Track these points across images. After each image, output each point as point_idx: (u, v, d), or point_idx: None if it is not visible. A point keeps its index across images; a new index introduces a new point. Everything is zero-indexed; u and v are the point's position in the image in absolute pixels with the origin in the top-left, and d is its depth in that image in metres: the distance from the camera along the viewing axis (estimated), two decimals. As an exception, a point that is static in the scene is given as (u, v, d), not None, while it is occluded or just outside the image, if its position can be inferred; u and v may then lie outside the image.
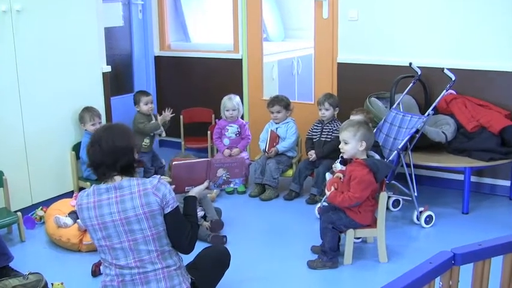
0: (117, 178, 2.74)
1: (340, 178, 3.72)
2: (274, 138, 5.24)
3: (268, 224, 4.64)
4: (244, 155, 5.41)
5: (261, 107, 5.76)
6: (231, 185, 3.28)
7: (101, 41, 5.27)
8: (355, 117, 4.56)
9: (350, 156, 3.68)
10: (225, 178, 3.23)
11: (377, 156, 3.78)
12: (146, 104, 5.35)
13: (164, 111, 5.45)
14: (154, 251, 2.74)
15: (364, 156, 3.64)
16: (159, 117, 5.34)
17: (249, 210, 5.00)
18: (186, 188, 3.11)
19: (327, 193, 3.68)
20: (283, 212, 4.86)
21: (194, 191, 3.07)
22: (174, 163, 3.10)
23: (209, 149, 6.00)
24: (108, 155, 2.69)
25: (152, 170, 5.33)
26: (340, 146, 3.70)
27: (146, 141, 5.28)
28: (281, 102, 5.24)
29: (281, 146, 5.21)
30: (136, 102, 5.40)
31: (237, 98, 5.48)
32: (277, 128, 5.28)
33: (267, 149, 5.21)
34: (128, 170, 2.74)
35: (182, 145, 6.26)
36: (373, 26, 5.28)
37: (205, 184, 3.14)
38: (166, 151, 6.54)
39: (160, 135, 5.48)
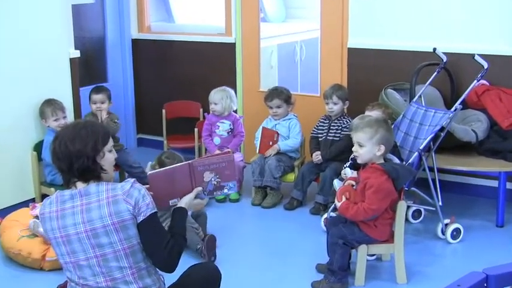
0: (81, 184, 2.74)
1: (353, 186, 3.71)
2: (270, 135, 5.23)
3: (266, 238, 4.62)
4: (238, 156, 5.40)
5: (257, 100, 5.76)
6: (225, 191, 3.23)
7: (67, 21, 5.24)
8: (371, 113, 4.54)
9: (364, 161, 3.66)
10: (215, 183, 3.19)
11: (396, 160, 3.77)
12: (94, 103, 5.31)
13: (112, 119, 5.31)
14: (128, 268, 2.72)
15: (381, 161, 3.63)
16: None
17: (242, 222, 4.99)
18: (171, 201, 3.09)
19: (337, 204, 3.66)
20: (283, 223, 4.85)
21: (183, 202, 3.06)
22: (149, 173, 3.08)
23: (196, 150, 5.99)
24: (62, 159, 2.71)
25: (138, 169, 5.27)
26: (353, 149, 3.68)
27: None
28: (281, 96, 5.24)
29: (284, 144, 5.21)
30: (89, 100, 5.39)
31: (227, 91, 5.46)
32: (276, 125, 5.29)
33: (258, 149, 5.22)
34: (90, 175, 2.74)
35: (164, 144, 6.25)
36: (390, 4, 5.27)
37: (194, 192, 3.12)
38: (145, 151, 6.52)
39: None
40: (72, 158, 2.70)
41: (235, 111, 5.67)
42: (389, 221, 3.66)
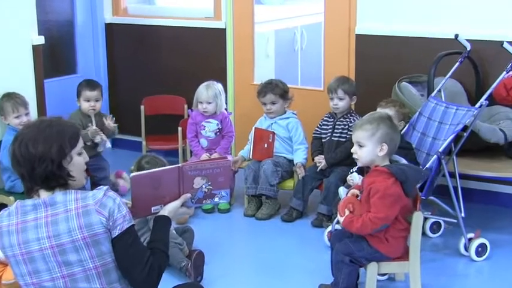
0: (45, 192, 2.71)
1: (358, 196, 3.71)
2: (264, 137, 5.21)
3: (260, 255, 4.61)
4: (227, 159, 5.34)
5: (250, 95, 5.74)
6: (216, 199, 3.24)
7: (29, 2, 5.21)
8: (384, 111, 4.51)
9: (366, 164, 3.67)
10: (206, 190, 3.19)
11: (403, 161, 3.77)
12: (88, 101, 5.29)
13: (105, 119, 5.35)
14: (101, 291, 2.72)
15: (386, 162, 3.63)
16: (92, 128, 5.23)
17: (233, 235, 4.98)
18: (153, 208, 3.08)
19: (340, 219, 3.66)
20: (280, 237, 4.84)
21: (167, 210, 3.07)
22: (132, 175, 3.06)
23: (180, 152, 5.98)
24: (22, 163, 2.67)
25: (105, 180, 5.27)
26: (352, 150, 3.69)
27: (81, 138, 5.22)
28: (275, 90, 5.24)
29: (303, 158, 5.20)
30: (77, 95, 5.36)
31: (218, 87, 5.44)
32: (272, 125, 5.29)
33: (251, 154, 5.21)
34: (54, 182, 2.71)
35: (143, 146, 6.23)
36: (404, -15, 5.30)
37: (182, 199, 3.11)
38: (121, 154, 6.49)
39: (98, 144, 5.33)
40: (34, 162, 2.66)
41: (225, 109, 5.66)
42: (403, 233, 3.65)
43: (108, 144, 5.34)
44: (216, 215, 5.25)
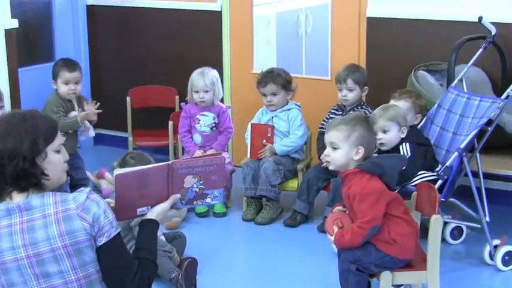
0: (18, 195, 2.69)
1: (346, 211, 3.74)
2: (262, 132, 5.20)
3: (260, 263, 4.61)
4: (225, 157, 5.33)
5: (249, 86, 5.73)
6: (208, 200, 3.24)
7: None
8: (398, 103, 4.55)
9: (338, 169, 3.68)
10: (198, 190, 3.20)
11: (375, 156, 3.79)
12: (66, 84, 5.25)
13: (86, 103, 5.30)
14: (83, 305, 2.71)
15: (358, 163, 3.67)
16: (81, 112, 5.17)
17: (230, 242, 4.98)
18: (139, 210, 3.08)
19: (330, 238, 3.68)
20: (283, 244, 4.85)
21: (155, 212, 3.07)
22: (116, 173, 3.06)
23: (171, 149, 5.97)
24: None
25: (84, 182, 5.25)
26: (325, 153, 3.70)
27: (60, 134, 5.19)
28: (277, 80, 5.23)
29: (281, 145, 5.20)
30: (54, 77, 5.32)
31: (213, 73, 5.45)
32: (272, 119, 5.29)
33: (249, 153, 5.21)
34: (25, 182, 2.68)
35: (129, 142, 6.23)
36: (421, -38, 5.29)
37: (171, 200, 3.11)
38: (104, 151, 6.49)
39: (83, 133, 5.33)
40: (3, 159, 2.64)
41: (222, 100, 5.65)
42: (409, 229, 3.65)
43: (92, 133, 5.31)
44: (211, 219, 5.25)
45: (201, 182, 3.18)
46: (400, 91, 4.68)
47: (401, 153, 4.38)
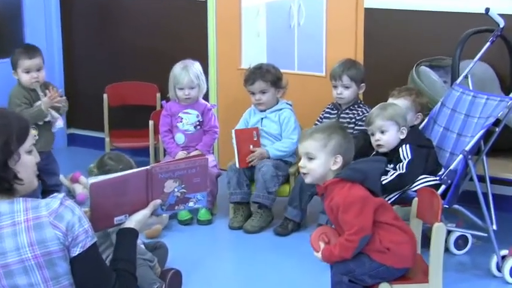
0: None
1: (332, 225, 3.75)
2: (247, 137, 5.19)
3: (250, 275, 4.61)
4: (210, 160, 5.31)
5: (237, 83, 5.72)
6: (191, 204, 3.26)
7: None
8: (397, 102, 4.55)
9: (316, 181, 3.68)
10: (179, 194, 3.21)
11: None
12: (28, 72, 5.20)
13: (48, 90, 5.25)
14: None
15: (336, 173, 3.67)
16: (44, 99, 5.14)
17: (216, 252, 4.97)
18: (116, 218, 3.08)
19: (317, 256, 3.68)
20: (274, 254, 4.86)
21: (133, 221, 3.06)
22: (91, 182, 3.04)
23: (151, 150, 5.98)
24: None
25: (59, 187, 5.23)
26: (300, 164, 3.69)
27: (32, 132, 5.12)
28: (266, 76, 5.23)
29: (274, 149, 5.19)
30: (13, 67, 5.25)
31: (197, 67, 5.45)
32: (262, 120, 5.28)
33: (238, 163, 5.18)
34: None
35: (106, 143, 6.23)
36: None
37: (150, 207, 3.11)
38: (79, 153, 6.47)
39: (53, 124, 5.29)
40: None
41: (206, 98, 5.64)
42: (404, 237, 3.64)
43: (61, 123, 5.25)
44: (195, 228, 5.25)
45: (183, 185, 3.19)
46: (399, 88, 4.68)
47: (401, 156, 4.39)
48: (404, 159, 4.37)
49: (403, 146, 4.41)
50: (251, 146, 5.20)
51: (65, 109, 5.29)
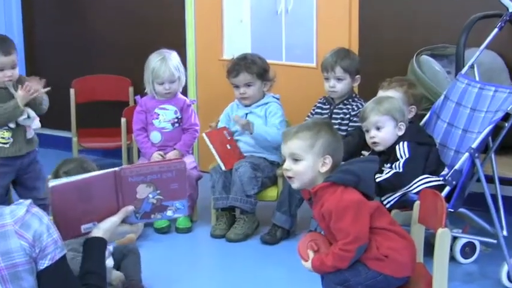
0: None
1: (322, 232, 3.75)
2: (219, 138, 5.19)
3: (233, 289, 4.63)
4: (188, 161, 5.37)
5: (218, 75, 5.72)
6: (169, 213, 3.27)
7: None
8: (387, 93, 4.57)
9: (303, 186, 3.67)
10: (155, 201, 3.22)
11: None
12: (1, 70, 5.15)
13: (28, 83, 5.18)
14: None
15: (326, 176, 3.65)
16: (19, 92, 5.07)
17: (198, 263, 4.98)
18: (84, 226, 3.09)
19: (306, 265, 3.67)
20: (260, 265, 4.86)
21: (101, 229, 3.08)
22: (51, 185, 3.06)
23: (124, 151, 5.98)
24: None
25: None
26: (285, 167, 3.66)
27: (5, 135, 5.14)
28: (252, 68, 5.24)
29: (260, 126, 5.18)
30: None
31: (175, 57, 5.45)
32: (247, 116, 5.30)
33: (223, 165, 5.17)
34: None
35: (74, 144, 6.21)
36: None
37: (121, 214, 3.12)
38: (43, 155, 6.43)
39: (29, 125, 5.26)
40: None
41: (185, 92, 5.65)
42: (403, 243, 3.63)
43: (37, 123, 5.19)
44: (173, 236, 5.25)
45: (158, 191, 3.19)
46: (389, 80, 4.71)
47: (398, 154, 4.39)
48: (401, 157, 4.37)
49: (400, 143, 4.41)
50: (228, 146, 5.20)
51: (44, 107, 5.18)
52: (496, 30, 4.73)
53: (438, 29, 5.22)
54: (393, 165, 4.38)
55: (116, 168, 3.13)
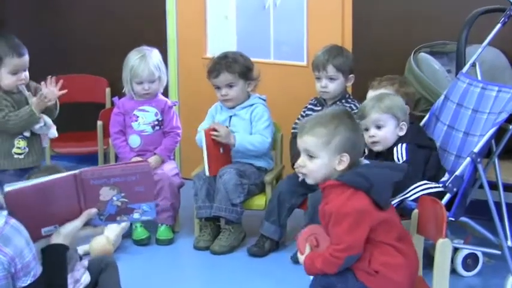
0: None
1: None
2: (214, 141, 5.16)
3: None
4: (170, 167, 5.41)
5: (201, 74, 5.70)
6: (136, 216, 3.31)
7: None
8: (377, 93, 4.58)
9: (317, 182, 3.68)
10: (120, 204, 3.27)
11: (364, 161, 3.77)
12: (15, 74, 5.08)
13: (44, 83, 5.11)
14: None
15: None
16: (33, 98, 5.03)
17: (180, 277, 4.96)
18: (44, 229, 3.13)
19: (300, 259, 3.68)
20: (247, 278, 4.86)
21: (61, 234, 3.11)
22: (7, 191, 3.07)
23: (101, 157, 5.99)
24: None
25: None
26: (299, 162, 3.68)
27: (20, 144, 5.09)
28: (233, 67, 5.23)
29: (243, 138, 5.16)
30: None
31: (156, 55, 5.45)
32: (230, 119, 5.30)
33: (208, 170, 5.16)
34: None
35: (46, 149, 6.11)
36: None
37: (83, 217, 3.14)
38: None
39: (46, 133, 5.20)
40: None
41: (165, 93, 5.66)
42: (401, 261, 3.62)
43: (54, 132, 5.14)
44: (154, 248, 5.25)
45: (123, 194, 3.23)
46: (380, 78, 4.72)
47: (395, 156, 4.38)
48: (398, 161, 4.37)
49: (399, 145, 4.41)
50: (221, 150, 5.18)
51: (57, 111, 5.18)
52: (499, 25, 4.73)
53: (437, 25, 5.25)
54: None
55: (76, 171, 3.16)
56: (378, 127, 4.41)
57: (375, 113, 4.39)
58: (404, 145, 4.38)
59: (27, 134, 5.02)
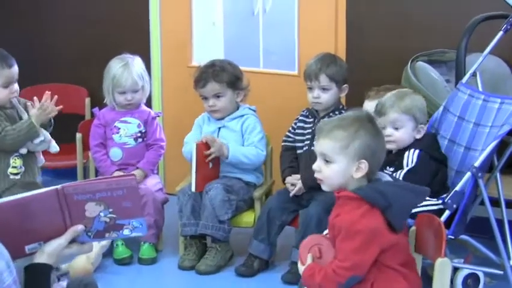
0: None
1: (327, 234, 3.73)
2: (206, 156, 5.16)
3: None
4: (153, 182, 5.41)
5: (187, 84, 5.71)
6: (126, 232, 3.27)
7: None
8: (373, 103, 4.59)
9: (333, 189, 3.65)
10: (108, 220, 3.23)
11: (386, 178, 3.75)
12: (6, 87, 5.07)
13: (37, 98, 5.09)
14: None
15: (360, 184, 3.62)
16: (33, 110, 5.01)
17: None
18: (28, 247, 3.11)
19: (301, 269, 3.66)
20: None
21: (45, 253, 3.08)
22: None
23: (80, 171, 5.96)
24: None
25: None
26: (314, 166, 3.65)
27: (16, 163, 5.07)
28: (221, 76, 5.23)
29: (237, 150, 5.17)
30: None
31: (138, 63, 5.44)
32: (219, 130, 5.30)
33: (194, 186, 5.14)
34: None
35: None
36: None
37: (68, 235, 3.12)
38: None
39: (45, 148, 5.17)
40: None
41: (149, 104, 5.66)
42: (402, 285, 3.61)
43: (55, 146, 5.13)
44: (136, 268, 5.24)
45: (110, 210, 3.21)
46: (377, 88, 4.74)
47: (405, 161, 4.38)
48: (407, 165, 4.36)
49: (411, 150, 4.44)
50: (210, 165, 5.17)
51: (49, 130, 5.19)
52: (500, 33, 4.73)
53: (436, 32, 5.26)
54: (395, 174, 4.36)
55: (58, 186, 3.14)
56: (396, 128, 4.41)
57: (393, 112, 4.40)
58: (417, 151, 4.40)
59: (23, 151, 5.00)
